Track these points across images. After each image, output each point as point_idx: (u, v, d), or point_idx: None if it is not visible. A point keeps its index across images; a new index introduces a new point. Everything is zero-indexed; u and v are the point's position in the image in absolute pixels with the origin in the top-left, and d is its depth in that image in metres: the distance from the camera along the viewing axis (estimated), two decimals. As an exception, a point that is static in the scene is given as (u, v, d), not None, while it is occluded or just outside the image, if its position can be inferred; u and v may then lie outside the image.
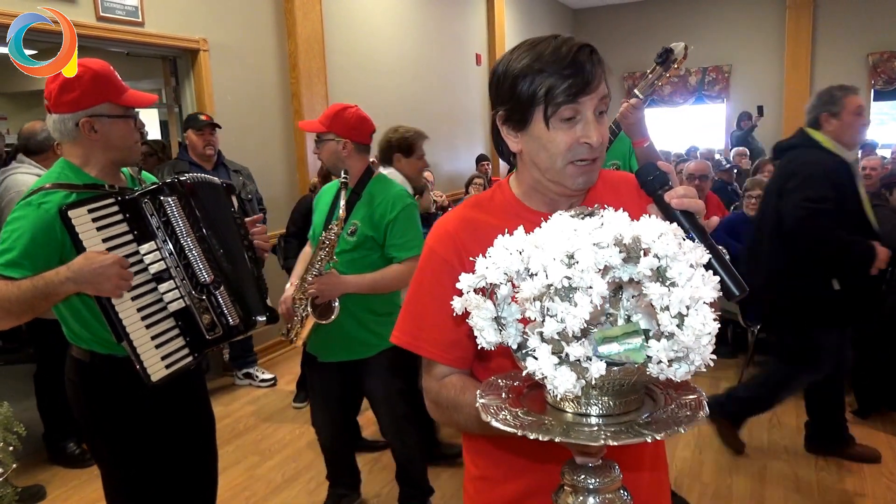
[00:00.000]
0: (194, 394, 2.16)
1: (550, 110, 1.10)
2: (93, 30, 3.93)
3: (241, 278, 2.02)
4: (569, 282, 0.77)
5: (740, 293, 0.92)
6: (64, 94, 1.79)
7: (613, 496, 0.90)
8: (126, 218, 1.82)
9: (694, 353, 0.78)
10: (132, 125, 1.89)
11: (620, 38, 11.21)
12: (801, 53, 10.37)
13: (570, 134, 1.11)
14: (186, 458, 2.14)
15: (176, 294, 1.86)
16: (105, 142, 1.84)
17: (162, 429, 2.01)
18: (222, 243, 1.97)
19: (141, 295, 1.81)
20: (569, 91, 1.08)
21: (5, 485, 1.75)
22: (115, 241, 1.79)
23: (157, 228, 1.86)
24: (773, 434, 3.70)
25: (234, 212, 2.10)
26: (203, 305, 1.87)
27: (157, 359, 1.81)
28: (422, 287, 1.25)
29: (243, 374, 4.74)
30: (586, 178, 1.15)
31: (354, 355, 2.68)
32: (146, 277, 1.83)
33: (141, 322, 1.79)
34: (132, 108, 1.89)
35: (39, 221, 1.72)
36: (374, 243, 2.58)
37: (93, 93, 1.80)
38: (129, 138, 1.89)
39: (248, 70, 5.08)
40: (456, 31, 8.16)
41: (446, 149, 8.00)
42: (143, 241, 1.84)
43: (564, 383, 0.78)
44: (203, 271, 1.89)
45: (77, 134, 1.83)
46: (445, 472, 3.40)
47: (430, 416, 1.27)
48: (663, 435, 0.79)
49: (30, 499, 3.15)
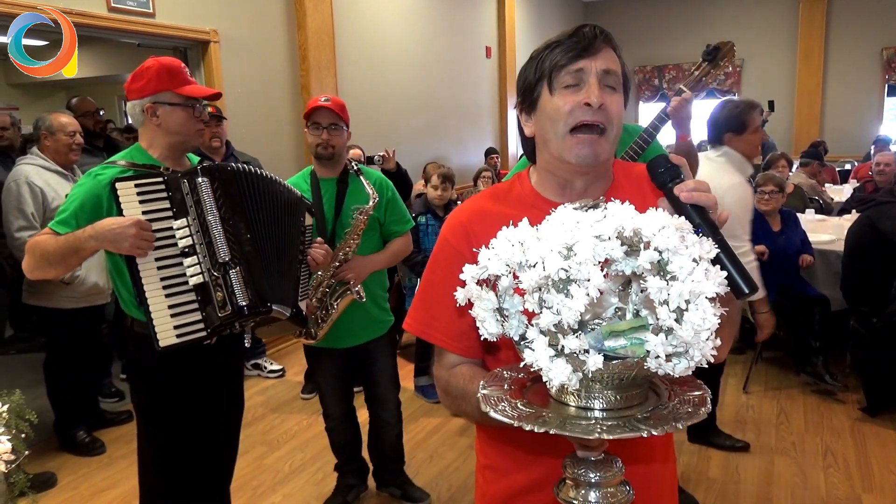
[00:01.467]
0: (230, 376, 2.33)
1: (553, 76, 1.13)
2: (105, 21, 3.95)
3: (272, 269, 2.11)
4: (566, 273, 0.77)
5: (750, 291, 0.90)
6: (134, 83, 2.05)
7: (615, 490, 0.90)
8: (169, 196, 1.98)
9: (693, 348, 0.77)
10: (191, 113, 2.07)
11: (631, 31, 11.14)
12: (813, 48, 10.27)
13: (573, 98, 1.12)
14: (217, 431, 2.29)
15: (197, 269, 1.98)
16: (166, 126, 2.05)
17: (196, 401, 2.17)
18: (253, 231, 2.08)
19: (166, 266, 1.96)
20: (569, 52, 1.12)
21: (18, 472, 1.77)
22: (153, 214, 1.95)
23: (189, 206, 2.00)
24: (780, 431, 3.69)
25: (303, 222, 2.30)
26: (218, 283, 1.98)
27: (169, 326, 1.94)
28: (434, 276, 1.26)
29: (252, 364, 4.76)
30: (589, 150, 1.13)
31: (373, 334, 2.84)
32: (174, 251, 1.97)
33: (161, 290, 1.94)
34: (192, 98, 2.07)
35: (91, 189, 1.97)
36: (376, 223, 2.76)
37: (157, 82, 2.02)
38: (189, 125, 2.08)
39: (258, 62, 5.09)
40: (466, 24, 8.13)
41: (455, 142, 7.99)
42: (178, 218, 1.99)
43: (559, 375, 0.78)
44: (223, 248, 1.99)
45: (143, 119, 2.06)
46: (451, 464, 3.41)
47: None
48: (660, 430, 0.78)
49: (41, 486, 3.19)
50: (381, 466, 3.10)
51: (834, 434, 3.62)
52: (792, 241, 4.30)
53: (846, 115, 10.25)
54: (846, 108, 10.26)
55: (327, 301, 2.67)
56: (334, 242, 2.68)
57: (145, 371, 2.14)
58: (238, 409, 2.42)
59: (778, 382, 4.34)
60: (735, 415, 3.89)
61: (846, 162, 9.30)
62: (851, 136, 10.03)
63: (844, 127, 10.19)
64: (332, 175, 2.74)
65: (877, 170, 5.70)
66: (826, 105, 10.41)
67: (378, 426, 3.01)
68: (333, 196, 2.71)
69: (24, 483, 1.83)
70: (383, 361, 2.93)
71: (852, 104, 10.23)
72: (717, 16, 10.91)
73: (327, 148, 2.67)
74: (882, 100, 10.21)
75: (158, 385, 2.13)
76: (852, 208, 5.34)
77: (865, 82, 10.16)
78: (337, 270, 2.65)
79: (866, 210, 4.12)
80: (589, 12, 12.04)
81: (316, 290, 2.64)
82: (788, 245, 4.26)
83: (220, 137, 4.23)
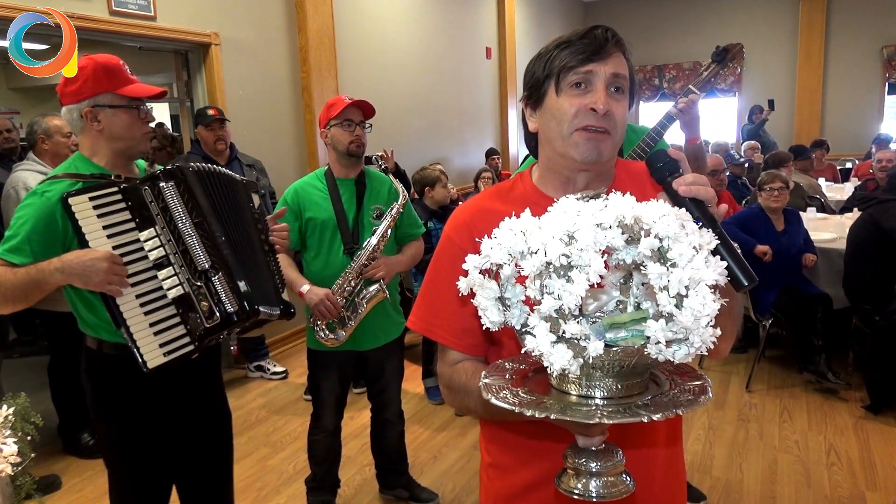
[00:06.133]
0: (207, 386, 2.15)
1: (561, 77, 1.13)
2: (106, 24, 3.96)
3: (250, 268, 1.99)
4: (567, 259, 0.78)
5: (749, 283, 0.91)
6: (69, 86, 1.84)
7: (616, 480, 0.90)
8: (128, 206, 1.83)
9: (693, 334, 0.77)
10: (136, 115, 1.90)
11: (632, 30, 11.11)
12: (814, 46, 10.26)
13: (578, 100, 1.12)
14: (197, 451, 2.13)
15: (175, 281, 1.85)
16: (108, 132, 1.87)
17: (170, 420, 2.02)
18: (226, 231, 1.95)
19: (140, 282, 1.82)
20: (579, 55, 1.12)
21: (24, 474, 1.77)
22: (116, 228, 1.81)
23: (156, 215, 1.85)
24: (783, 429, 3.69)
25: (253, 207, 2.10)
26: (201, 292, 1.85)
27: (154, 346, 1.81)
28: (438, 274, 1.27)
29: (255, 366, 4.77)
30: (593, 147, 1.13)
31: (390, 336, 2.84)
32: (146, 265, 1.84)
33: (139, 308, 1.81)
34: (136, 99, 1.89)
35: (42, 209, 1.77)
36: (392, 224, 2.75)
37: (94, 83, 1.83)
38: (134, 129, 1.90)
39: (259, 64, 5.10)
40: (466, 25, 8.14)
41: (456, 143, 7.99)
42: (143, 228, 1.84)
43: (560, 360, 0.79)
44: (201, 256, 1.86)
45: (83, 125, 1.87)
46: (455, 464, 3.42)
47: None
48: (660, 416, 0.79)
49: (46, 488, 3.20)
50: (385, 468, 3.09)
51: (837, 432, 3.62)
52: (795, 240, 4.30)
53: (847, 113, 10.24)
54: (847, 106, 10.25)
55: (355, 300, 2.66)
56: (357, 241, 2.66)
57: (117, 399, 1.95)
58: (220, 421, 2.23)
59: (781, 381, 4.34)
60: (738, 413, 3.89)
61: (847, 160, 9.29)
62: (852, 134, 10.02)
63: (845, 125, 10.18)
64: (352, 175, 2.72)
65: (878, 167, 5.70)
66: (826, 103, 10.40)
67: (381, 426, 2.99)
68: (353, 196, 2.70)
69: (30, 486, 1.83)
70: (395, 364, 2.92)
71: (853, 102, 10.22)
72: (717, 15, 10.90)
73: (360, 146, 2.67)
74: (882, 98, 10.19)
75: (137, 415, 1.95)
76: (854, 206, 5.34)
77: (866, 80, 10.15)
78: (365, 269, 2.64)
79: (868, 208, 4.12)
80: (589, 12, 12.04)
81: (342, 289, 2.63)
82: (792, 244, 4.27)
83: (225, 140, 4.25)
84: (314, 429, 2.87)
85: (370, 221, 2.70)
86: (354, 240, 2.66)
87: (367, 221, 2.69)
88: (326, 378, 2.79)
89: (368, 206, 2.71)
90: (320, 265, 2.69)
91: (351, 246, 2.66)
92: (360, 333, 2.71)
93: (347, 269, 2.64)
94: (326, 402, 2.82)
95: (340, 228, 2.65)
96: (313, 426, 2.87)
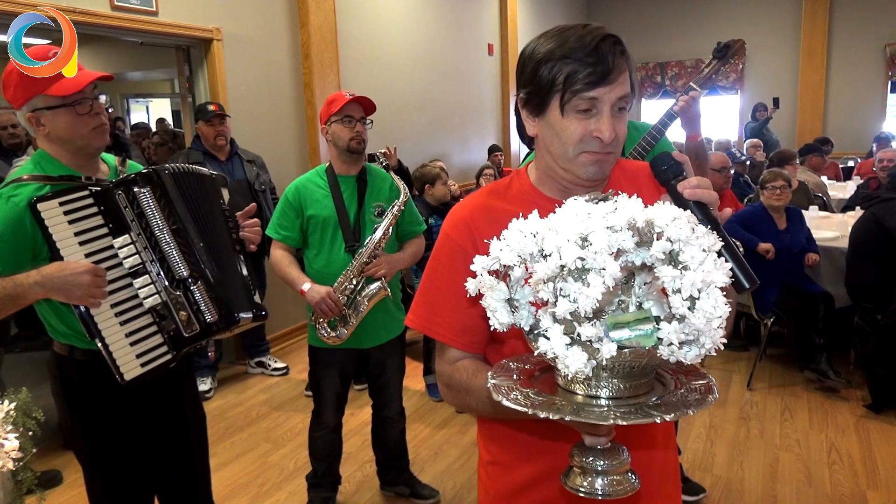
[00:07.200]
0: (180, 391, 2.10)
1: (567, 97, 1.09)
2: (108, 19, 3.95)
3: (225, 273, 1.92)
4: (582, 263, 0.78)
5: (750, 285, 0.92)
6: (5, 93, 1.75)
7: (622, 478, 0.91)
8: (101, 210, 1.75)
9: (704, 335, 0.78)
10: (75, 113, 1.76)
11: (633, 27, 11.12)
12: (816, 44, 10.24)
13: (584, 125, 1.10)
14: (172, 456, 2.09)
15: (151, 290, 1.79)
16: (54, 134, 1.77)
17: (144, 427, 1.97)
18: (204, 236, 1.88)
19: (115, 290, 1.75)
20: (587, 79, 1.07)
21: (25, 469, 1.77)
22: (88, 234, 1.72)
23: (131, 221, 1.77)
24: (784, 428, 3.69)
25: (223, 204, 2.01)
26: (180, 301, 1.78)
27: (131, 356, 1.74)
28: (437, 272, 1.26)
29: (256, 362, 4.77)
30: (597, 168, 1.13)
31: (392, 334, 2.84)
32: (121, 273, 1.76)
33: (115, 318, 1.73)
34: (69, 96, 1.75)
35: (8, 215, 1.67)
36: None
37: (23, 88, 1.73)
38: (79, 127, 1.77)
39: (261, 60, 5.09)
40: (468, 21, 8.13)
41: (458, 139, 7.99)
42: (118, 235, 1.76)
43: (576, 363, 0.79)
44: (179, 265, 1.79)
45: (34, 129, 1.79)
46: (455, 462, 3.42)
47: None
48: (672, 416, 0.79)
49: (47, 483, 3.20)
50: (385, 464, 3.09)
51: (838, 431, 3.62)
52: (797, 238, 4.30)
53: (849, 111, 10.23)
54: (849, 104, 10.24)
55: (357, 298, 2.66)
56: (359, 239, 2.66)
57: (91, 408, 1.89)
58: (194, 425, 2.17)
59: (782, 379, 4.34)
60: (739, 412, 3.90)
61: (849, 159, 9.28)
62: (854, 132, 10.01)
63: (847, 124, 10.17)
64: (353, 172, 2.71)
65: (880, 166, 5.69)
66: (829, 102, 10.39)
67: (382, 422, 3.00)
68: (354, 193, 2.69)
69: (31, 481, 1.83)
70: (396, 361, 2.92)
71: (855, 101, 10.21)
72: (719, 12, 10.88)
73: (360, 142, 2.66)
74: (885, 96, 10.18)
75: (113, 424, 1.90)
76: (856, 205, 5.33)
77: (868, 79, 10.14)
78: (367, 267, 2.64)
79: (870, 207, 4.12)
80: (591, 9, 12.02)
81: (343, 287, 2.63)
82: (794, 243, 4.26)
83: (225, 135, 4.25)
84: (315, 425, 2.88)
85: (371, 219, 2.69)
86: (356, 237, 2.66)
87: (368, 219, 2.68)
88: (327, 375, 2.80)
89: (370, 204, 2.70)
90: (322, 263, 2.69)
91: (352, 244, 2.65)
92: (361, 331, 2.70)
93: (349, 267, 2.64)
94: (327, 398, 2.82)
95: (342, 226, 2.65)
96: (314, 423, 2.88)
